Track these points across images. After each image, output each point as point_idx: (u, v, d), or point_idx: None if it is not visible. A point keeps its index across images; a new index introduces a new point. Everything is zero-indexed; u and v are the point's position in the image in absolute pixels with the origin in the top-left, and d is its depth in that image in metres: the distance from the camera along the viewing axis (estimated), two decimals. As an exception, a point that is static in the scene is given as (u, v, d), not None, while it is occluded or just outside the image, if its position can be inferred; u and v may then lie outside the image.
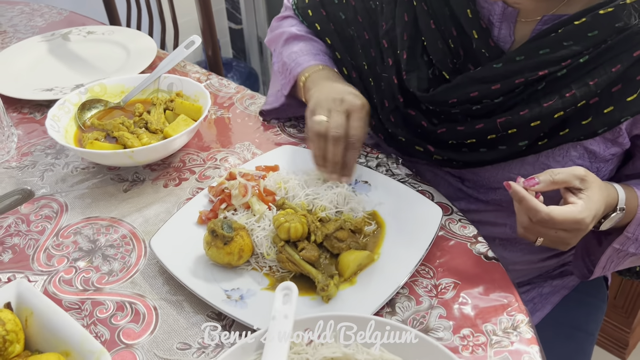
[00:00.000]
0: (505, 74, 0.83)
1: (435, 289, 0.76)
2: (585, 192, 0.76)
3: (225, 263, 0.77)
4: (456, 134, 0.90)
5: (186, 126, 1.00)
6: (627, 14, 0.76)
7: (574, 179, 0.76)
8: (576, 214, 0.74)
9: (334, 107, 0.87)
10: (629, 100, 0.79)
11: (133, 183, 0.98)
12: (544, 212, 0.73)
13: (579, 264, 0.99)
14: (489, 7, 0.86)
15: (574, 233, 0.76)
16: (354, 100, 0.87)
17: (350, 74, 1.04)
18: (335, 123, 0.85)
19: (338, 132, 0.84)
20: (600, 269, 0.93)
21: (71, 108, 1.06)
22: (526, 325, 0.70)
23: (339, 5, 1.05)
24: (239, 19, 2.94)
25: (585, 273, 0.98)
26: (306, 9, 1.10)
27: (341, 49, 1.05)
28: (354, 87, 1.03)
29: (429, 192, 0.92)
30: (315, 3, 1.08)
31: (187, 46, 1.16)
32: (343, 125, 0.85)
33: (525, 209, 0.75)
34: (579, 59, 0.79)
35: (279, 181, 0.88)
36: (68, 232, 0.89)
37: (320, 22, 1.07)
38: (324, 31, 1.07)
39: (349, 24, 1.03)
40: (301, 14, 1.11)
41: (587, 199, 0.76)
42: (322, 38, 1.07)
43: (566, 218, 0.73)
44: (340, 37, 1.05)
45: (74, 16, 1.65)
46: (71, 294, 0.78)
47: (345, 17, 1.04)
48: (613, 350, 1.80)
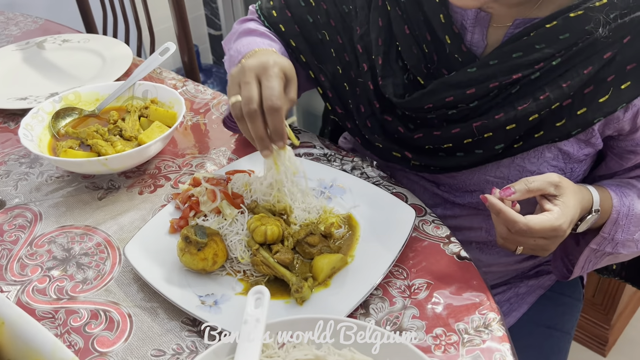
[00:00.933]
0: (480, 78, 0.83)
1: (409, 290, 0.77)
2: (560, 198, 0.78)
3: (200, 269, 0.78)
4: (433, 139, 0.91)
5: (160, 133, 1.00)
6: (594, 19, 0.77)
7: (549, 186, 0.77)
8: (553, 222, 0.75)
9: (242, 79, 0.79)
10: (601, 101, 0.80)
11: (108, 191, 0.97)
12: (522, 223, 0.74)
13: (558, 264, 1.00)
14: (462, 12, 0.87)
15: (552, 240, 0.77)
16: (262, 61, 0.79)
17: (318, 77, 1.03)
18: (246, 97, 0.77)
19: (249, 106, 0.76)
20: (579, 269, 0.94)
21: (45, 117, 1.06)
22: (497, 324, 0.71)
23: (306, 8, 1.02)
24: (218, 25, 2.94)
25: (565, 273, 0.99)
26: (270, 10, 1.06)
27: (307, 52, 1.03)
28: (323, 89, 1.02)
29: (403, 194, 0.92)
30: (280, 5, 1.05)
31: (161, 53, 1.16)
32: (252, 95, 0.77)
33: (504, 221, 0.76)
34: (551, 62, 0.80)
35: (244, 183, 0.88)
36: (42, 241, 0.88)
37: (285, 23, 1.04)
38: (288, 33, 1.03)
39: (318, 27, 1.01)
40: (264, 15, 1.07)
41: (563, 205, 0.77)
42: (286, 40, 1.04)
43: (544, 227, 0.75)
44: (307, 40, 1.03)
45: (49, 24, 1.65)
46: (45, 303, 0.78)
47: (314, 21, 1.01)
48: (593, 347, 1.82)
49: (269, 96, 0.76)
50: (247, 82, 0.78)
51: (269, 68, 0.78)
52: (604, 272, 1.14)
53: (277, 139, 0.79)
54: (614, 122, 0.83)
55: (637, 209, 0.86)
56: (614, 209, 0.85)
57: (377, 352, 0.60)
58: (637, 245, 0.89)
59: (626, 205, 0.85)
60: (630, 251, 0.90)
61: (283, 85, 0.80)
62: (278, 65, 0.79)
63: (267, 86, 0.77)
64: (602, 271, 1.14)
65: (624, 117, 0.82)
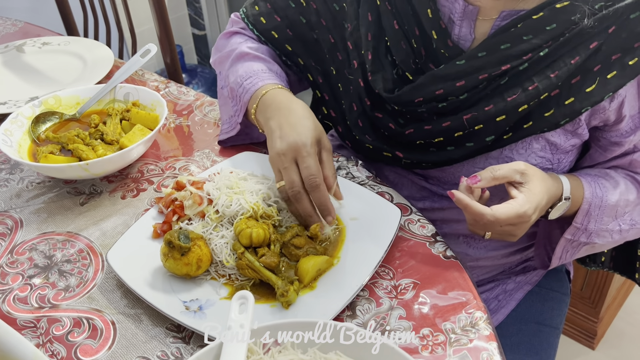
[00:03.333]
0: (469, 70, 0.83)
1: (395, 290, 0.76)
2: (526, 185, 0.80)
3: (184, 274, 0.77)
4: (424, 134, 0.91)
5: (142, 136, 0.99)
6: (580, 10, 0.78)
7: (515, 173, 0.80)
8: (518, 209, 0.78)
9: (281, 166, 0.83)
10: (588, 91, 0.81)
11: (90, 196, 0.96)
12: (489, 215, 0.77)
13: (541, 252, 1.01)
14: (449, 6, 0.87)
15: (518, 226, 0.80)
16: (293, 143, 0.82)
17: (316, 79, 1.02)
18: (288, 181, 0.82)
19: (293, 190, 0.81)
20: (557, 259, 0.96)
21: (25, 122, 1.04)
22: (484, 322, 0.71)
23: (297, 9, 1.00)
24: (202, 25, 2.93)
25: (546, 261, 1.00)
26: (258, 17, 1.04)
27: (304, 54, 1.02)
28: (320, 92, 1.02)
29: (389, 193, 0.92)
30: (267, 10, 1.03)
31: (142, 55, 1.15)
32: (293, 179, 0.81)
33: (471, 215, 0.79)
34: (539, 52, 0.81)
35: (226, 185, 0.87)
36: (23, 248, 0.87)
37: (276, 29, 1.02)
38: (282, 38, 1.02)
39: (312, 27, 1.00)
40: (252, 23, 1.05)
41: (528, 191, 0.79)
42: (282, 46, 1.03)
43: (509, 215, 0.77)
44: (302, 42, 1.02)
45: (29, 27, 1.62)
46: (26, 312, 0.77)
47: (307, 21, 1.00)
48: (582, 341, 1.83)
49: (307, 177, 0.81)
50: (286, 167, 0.82)
51: (301, 149, 0.82)
52: (592, 264, 1.15)
53: (325, 214, 0.83)
54: (600, 112, 0.84)
55: (610, 200, 0.87)
56: (585, 200, 0.87)
57: (365, 355, 0.60)
58: (611, 235, 0.91)
59: (598, 197, 0.87)
60: (605, 241, 0.92)
61: (318, 156, 0.84)
62: (309, 141, 0.82)
63: (304, 168, 0.81)
64: (590, 264, 1.15)
65: (610, 107, 0.83)
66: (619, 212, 0.89)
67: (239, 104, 0.97)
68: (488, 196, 0.83)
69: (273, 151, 0.84)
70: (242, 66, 0.99)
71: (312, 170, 0.81)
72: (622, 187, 0.89)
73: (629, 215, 0.90)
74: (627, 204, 0.89)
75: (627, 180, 0.90)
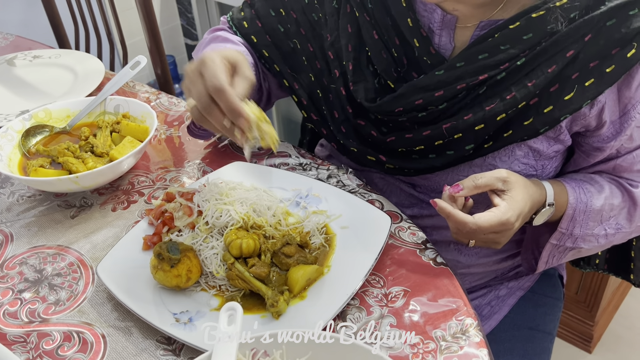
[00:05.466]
0: (447, 80, 0.84)
1: (386, 298, 0.76)
2: (508, 192, 0.80)
3: (174, 286, 0.76)
4: (405, 142, 0.91)
5: (132, 148, 0.99)
6: (555, 19, 0.78)
7: (497, 181, 0.80)
8: (500, 217, 0.78)
9: (189, 82, 0.79)
10: (567, 99, 0.82)
11: (81, 209, 0.96)
12: (471, 223, 0.77)
13: (528, 256, 1.02)
14: (428, 16, 0.88)
15: (502, 233, 0.80)
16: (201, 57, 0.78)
17: (292, 85, 1.03)
18: (196, 94, 0.77)
19: (201, 101, 0.76)
20: (544, 263, 0.96)
21: (15, 135, 1.04)
22: (475, 329, 0.71)
23: (276, 18, 1.03)
24: (194, 35, 2.93)
25: (533, 265, 1.01)
26: (241, 21, 1.07)
27: (280, 61, 1.04)
28: (297, 97, 1.02)
29: (379, 201, 0.92)
30: (251, 15, 1.06)
31: (132, 67, 1.15)
32: (201, 90, 0.76)
33: (454, 223, 0.79)
34: (516, 62, 0.81)
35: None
36: (13, 263, 0.87)
37: (256, 34, 1.05)
38: (260, 43, 1.05)
39: (289, 36, 1.02)
40: (236, 25, 1.08)
41: (510, 199, 0.80)
42: (259, 50, 1.05)
43: (492, 223, 0.78)
44: (279, 49, 1.04)
45: (20, 40, 1.62)
46: (16, 327, 0.76)
47: (285, 30, 1.03)
48: (579, 344, 1.83)
49: (208, 80, 0.75)
50: (193, 81, 0.78)
51: (206, 60, 0.77)
52: (586, 266, 1.15)
53: (234, 118, 0.76)
54: (580, 119, 0.85)
55: (595, 205, 0.88)
56: (569, 206, 0.88)
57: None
58: (597, 239, 0.91)
59: (583, 202, 0.88)
60: (591, 245, 0.92)
61: (226, 70, 0.78)
62: (217, 55, 0.78)
63: (206, 75, 0.76)
64: (584, 266, 1.15)
65: (590, 114, 0.84)
66: (604, 216, 0.89)
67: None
68: (472, 204, 0.84)
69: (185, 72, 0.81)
70: (211, 45, 1.01)
71: (213, 74, 0.75)
72: (607, 191, 0.89)
73: (614, 219, 0.90)
74: (612, 208, 0.89)
75: (612, 185, 0.91)
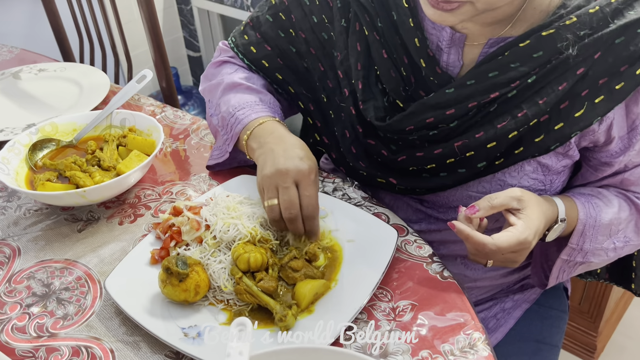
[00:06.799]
0: (458, 98, 0.84)
1: (393, 312, 0.76)
2: (523, 211, 0.81)
3: (182, 300, 0.77)
4: (416, 160, 0.91)
5: (139, 162, 0.99)
6: (564, 38, 0.78)
7: (512, 200, 0.81)
8: (518, 236, 0.78)
9: (280, 184, 0.82)
10: (577, 115, 0.82)
11: (87, 222, 0.96)
12: (491, 244, 0.78)
13: (538, 271, 1.02)
14: (437, 34, 0.88)
15: (519, 252, 0.80)
16: (299, 167, 0.83)
17: (308, 107, 1.03)
18: (285, 202, 0.81)
19: (291, 212, 0.81)
20: (554, 279, 0.96)
21: (21, 149, 1.04)
22: (483, 343, 0.71)
23: (286, 39, 1.02)
24: (197, 47, 2.95)
25: (544, 280, 1.01)
26: (248, 46, 1.05)
27: (294, 82, 1.03)
28: (312, 119, 1.02)
29: (385, 214, 0.92)
30: (257, 39, 1.04)
31: (138, 80, 1.15)
32: (294, 201, 0.81)
33: (473, 245, 0.79)
34: (527, 80, 0.82)
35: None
36: (21, 277, 0.87)
37: (267, 58, 1.03)
38: (272, 67, 1.03)
39: (302, 56, 1.01)
40: (242, 52, 1.06)
41: (526, 217, 0.80)
42: (273, 74, 1.04)
43: (511, 243, 0.78)
44: (293, 71, 1.03)
45: (25, 54, 1.64)
46: (24, 342, 0.77)
47: (297, 50, 1.01)
48: (582, 355, 1.82)
49: (307, 205, 0.81)
50: (287, 187, 0.82)
51: (307, 176, 0.83)
52: (588, 276, 1.15)
53: (313, 240, 0.84)
54: (589, 134, 0.85)
55: (604, 219, 0.88)
56: (579, 221, 0.88)
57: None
58: (606, 253, 0.92)
59: (592, 217, 0.88)
60: (601, 259, 0.93)
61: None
62: (314, 171, 0.84)
63: (305, 195, 0.82)
64: (585, 276, 1.15)
65: (599, 130, 0.84)
66: (613, 230, 0.90)
67: (229, 133, 0.97)
68: (486, 224, 0.84)
69: (273, 168, 0.83)
70: (234, 97, 1.00)
71: (313, 201, 0.82)
72: (616, 205, 0.90)
73: (622, 232, 0.91)
74: (620, 221, 0.90)
75: (619, 199, 0.91)
